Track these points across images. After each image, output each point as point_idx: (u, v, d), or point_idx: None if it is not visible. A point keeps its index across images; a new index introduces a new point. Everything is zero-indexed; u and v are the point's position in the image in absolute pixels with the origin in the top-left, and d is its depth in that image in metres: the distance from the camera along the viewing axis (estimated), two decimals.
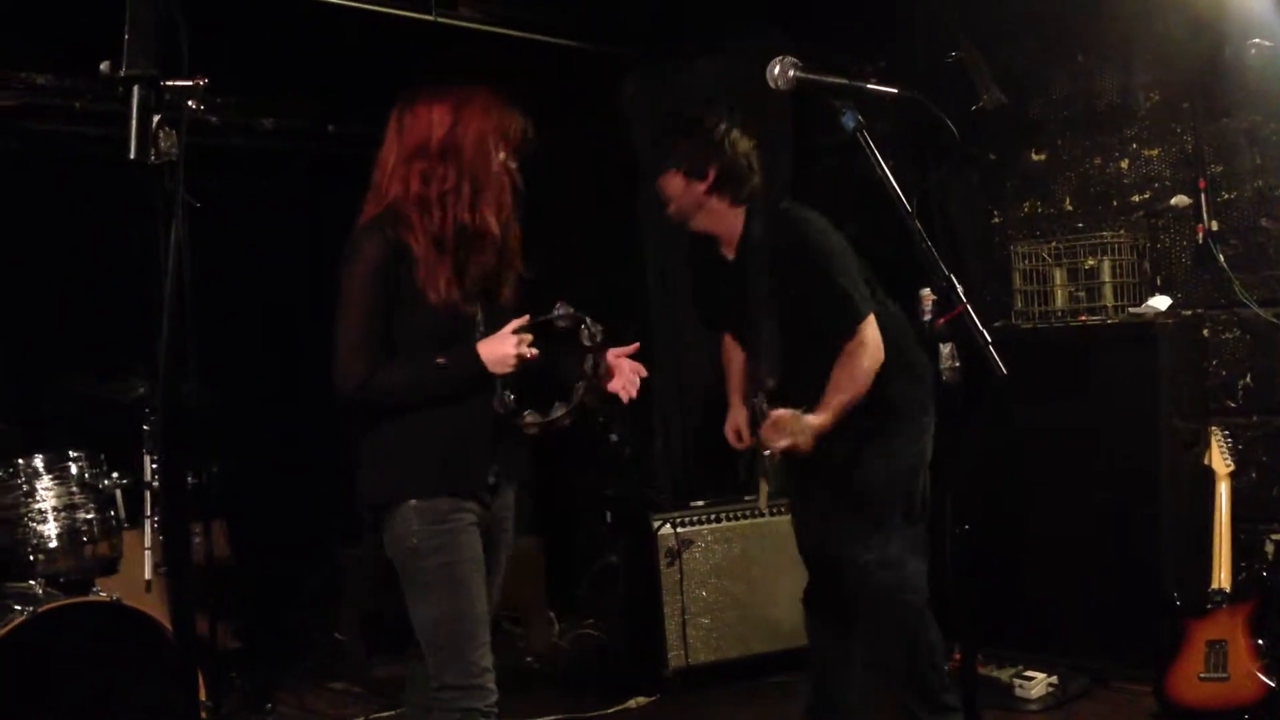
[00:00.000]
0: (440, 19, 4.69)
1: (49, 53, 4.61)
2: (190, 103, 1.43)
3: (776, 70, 2.37)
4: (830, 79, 2.34)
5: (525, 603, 5.24)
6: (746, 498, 4.76)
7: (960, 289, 2.27)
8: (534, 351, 2.63)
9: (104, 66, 1.44)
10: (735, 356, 3.60)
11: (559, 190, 5.68)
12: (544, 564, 5.37)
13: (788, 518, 4.56)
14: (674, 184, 3.29)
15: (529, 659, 5.09)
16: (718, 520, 4.63)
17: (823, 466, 3.29)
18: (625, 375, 2.85)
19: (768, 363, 3.22)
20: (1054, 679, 4.15)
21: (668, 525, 4.55)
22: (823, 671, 3.56)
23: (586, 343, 2.73)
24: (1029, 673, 4.16)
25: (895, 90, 2.41)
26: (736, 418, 3.51)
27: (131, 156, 1.42)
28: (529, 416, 2.72)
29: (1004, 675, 4.17)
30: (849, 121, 2.32)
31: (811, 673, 3.64)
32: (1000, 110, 4.64)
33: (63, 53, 4.60)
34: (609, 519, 5.61)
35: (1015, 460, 4.38)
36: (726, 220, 3.29)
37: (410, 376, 2.65)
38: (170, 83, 1.42)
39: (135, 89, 1.41)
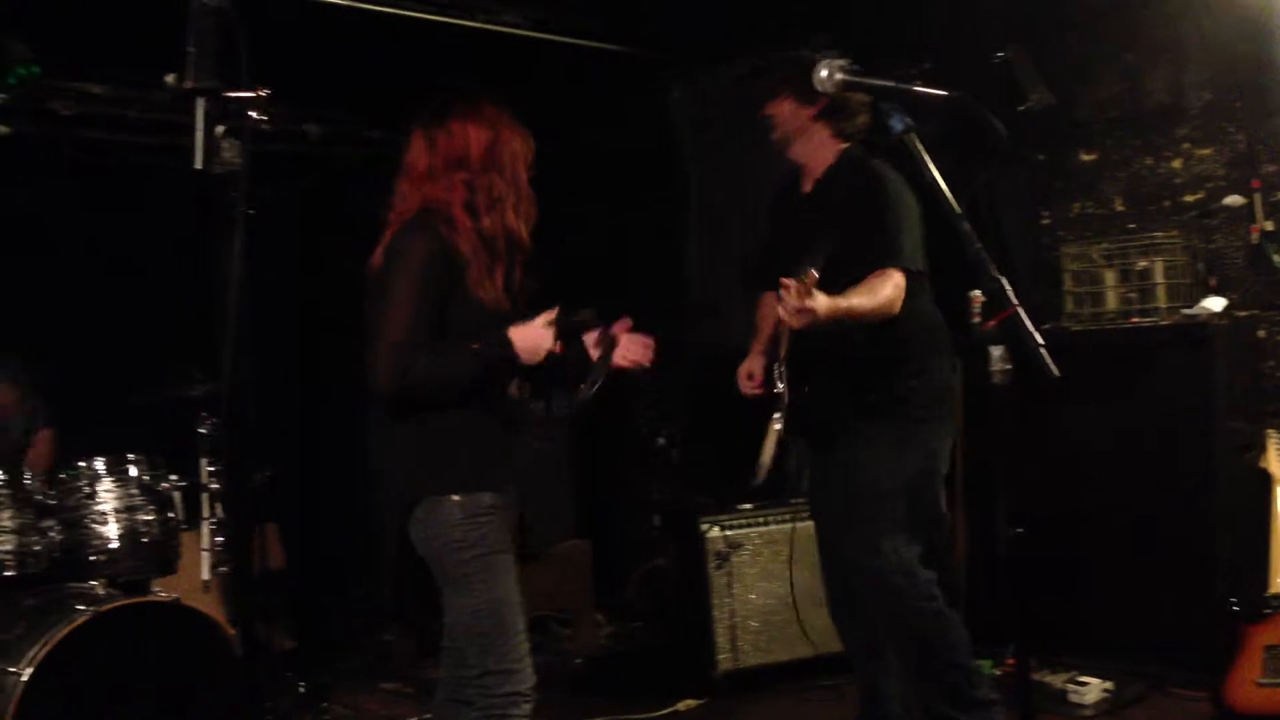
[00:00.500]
0: (484, 24, 4.73)
1: (102, 63, 4.70)
2: (252, 114, 1.46)
3: (824, 73, 2.38)
4: (878, 81, 2.35)
5: (573, 604, 5.27)
6: (793, 500, 4.75)
7: (1010, 291, 2.26)
8: (560, 346, 2.73)
9: (169, 79, 1.48)
10: (770, 315, 3.58)
11: (599, 193, 5.72)
12: (592, 566, 5.39)
13: None
14: (783, 107, 3.33)
15: (577, 660, 5.12)
16: (765, 524, 4.63)
17: (834, 467, 3.30)
18: (633, 345, 2.92)
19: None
20: (1109, 685, 4.11)
21: (716, 528, 4.56)
22: (863, 676, 3.55)
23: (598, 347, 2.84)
24: (1083, 678, 4.12)
25: (943, 92, 2.41)
26: (752, 363, 3.50)
27: (197, 167, 1.46)
28: (536, 406, 2.85)
29: (1058, 681, 4.14)
30: (897, 124, 2.33)
31: (857, 677, 3.62)
32: (1048, 110, 4.61)
33: (115, 63, 4.70)
34: (656, 522, 5.64)
35: (1068, 464, 4.34)
36: (822, 152, 3.32)
37: (444, 364, 2.70)
38: (232, 94, 1.45)
39: (200, 101, 1.45)
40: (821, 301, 2.96)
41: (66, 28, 4.31)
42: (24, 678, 3.24)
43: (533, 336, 2.72)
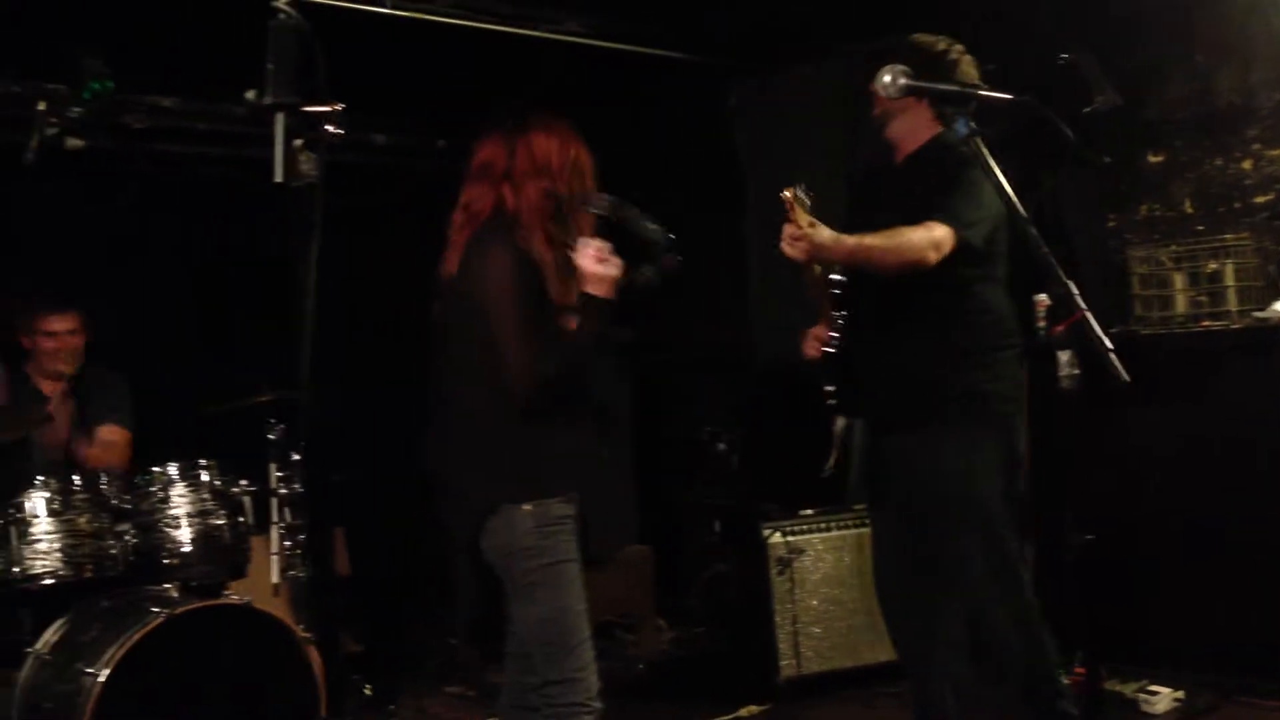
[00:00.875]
0: (547, 34, 4.77)
1: (173, 77, 4.80)
2: (328, 127, 1.50)
3: (887, 78, 2.38)
4: (942, 86, 2.34)
5: (636, 610, 5.29)
6: (856, 506, 4.74)
7: (1078, 295, 2.24)
8: (603, 245, 2.76)
9: (250, 95, 1.52)
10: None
11: (663, 199, 5.73)
12: (654, 572, 5.40)
13: None
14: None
15: (640, 665, 5.13)
16: (828, 529, 4.61)
17: (898, 462, 3.23)
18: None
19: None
20: (1180, 694, 4.05)
21: (778, 534, 4.55)
22: (916, 682, 3.51)
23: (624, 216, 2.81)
24: (1153, 687, 4.07)
25: (1010, 96, 2.39)
26: (820, 328, 3.45)
27: (277, 180, 1.50)
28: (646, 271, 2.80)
29: (1128, 690, 4.09)
30: (961, 128, 2.32)
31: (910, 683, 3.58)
32: (1115, 112, 4.55)
33: (186, 76, 4.80)
34: (717, 528, 5.64)
35: (1136, 469, 4.28)
36: (918, 132, 3.24)
37: (569, 351, 2.74)
38: (310, 108, 1.49)
39: (279, 116, 1.48)
40: (823, 233, 2.93)
41: (138, 43, 4.40)
42: (101, 678, 3.30)
43: (594, 275, 2.72)
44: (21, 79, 4.37)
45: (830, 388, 3.26)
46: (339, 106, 1.49)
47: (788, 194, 2.88)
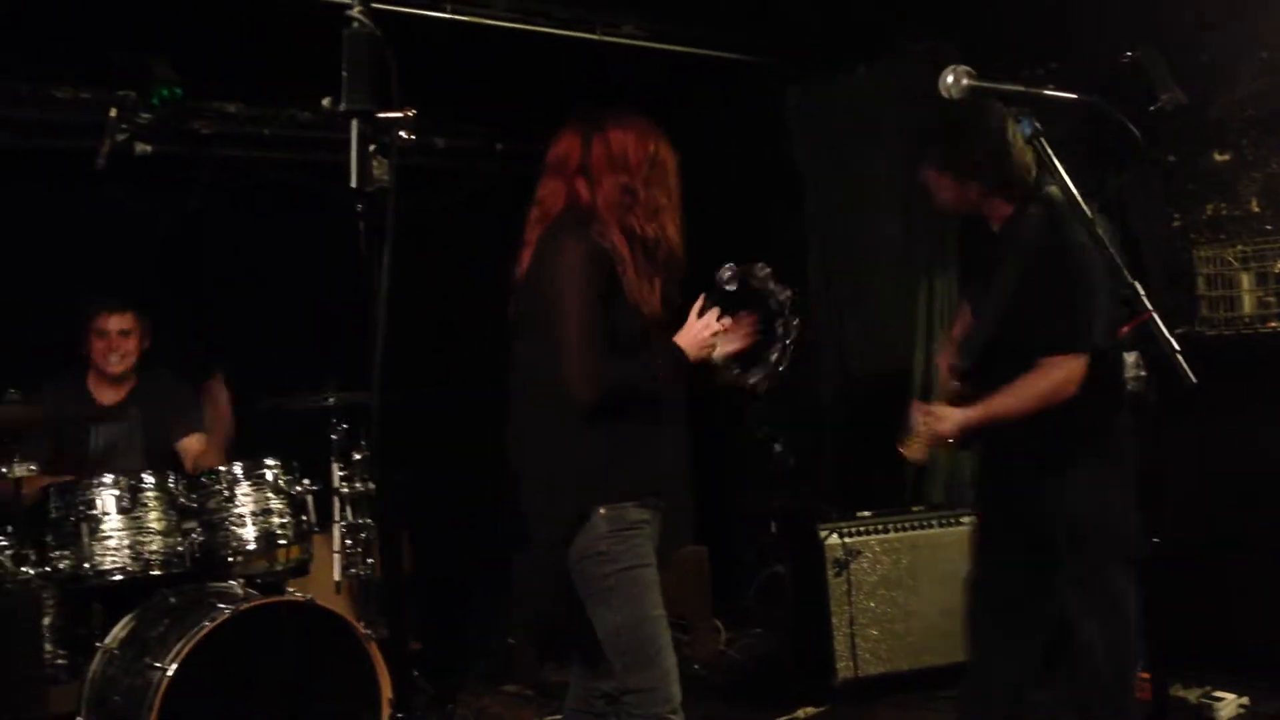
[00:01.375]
0: (604, 37, 4.79)
1: (238, 82, 4.88)
2: (401, 133, 1.53)
3: (950, 79, 2.35)
4: (1006, 86, 2.32)
5: (691, 611, 5.29)
6: (915, 508, 4.71)
7: (1145, 296, 2.21)
8: (725, 322, 2.77)
9: (325, 102, 1.55)
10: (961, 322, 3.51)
11: (722, 201, 5.73)
12: (709, 573, 5.40)
13: (957, 529, 4.54)
14: (944, 185, 3.17)
15: (695, 666, 5.13)
16: (885, 531, 4.59)
17: (1017, 498, 3.15)
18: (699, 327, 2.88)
19: (966, 352, 3.12)
20: (1245, 700, 3.99)
21: (835, 535, 4.53)
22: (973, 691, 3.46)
23: (759, 286, 2.85)
24: (1218, 693, 4.00)
25: (1074, 96, 2.37)
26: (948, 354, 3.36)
27: (353, 186, 1.53)
28: (754, 376, 2.86)
29: (1192, 696, 4.03)
30: (1025, 129, 2.29)
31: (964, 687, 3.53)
32: (1180, 110, 4.48)
33: (250, 82, 4.88)
34: (773, 529, 5.62)
35: (1202, 471, 4.22)
36: (997, 210, 3.16)
37: (636, 375, 2.73)
38: (383, 114, 1.52)
39: (354, 122, 1.51)
40: (956, 416, 2.97)
41: (205, 49, 4.48)
42: (169, 672, 3.37)
43: (693, 335, 2.77)
44: (93, 86, 4.46)
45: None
46: (411, 112, 1.51)
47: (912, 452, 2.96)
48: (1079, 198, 2.29)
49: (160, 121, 4.34)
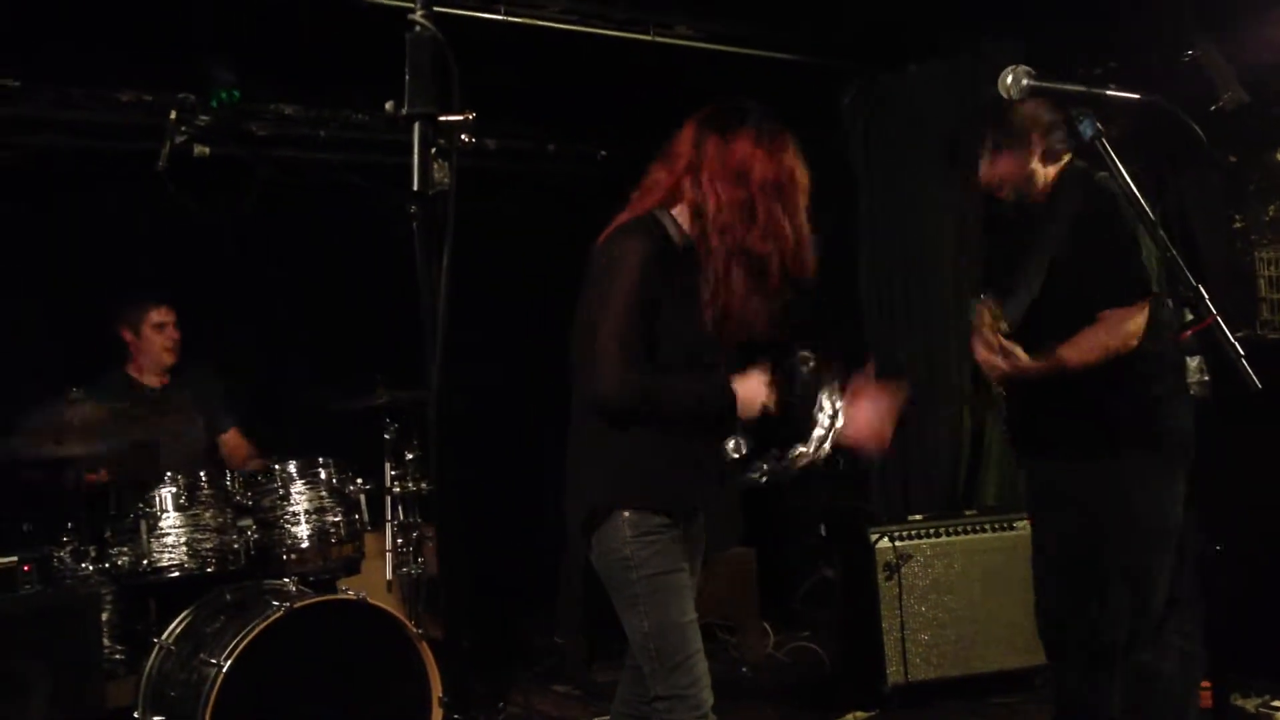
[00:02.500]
0: (657, 39, 4.78)
1: (294, 84, 4.93)
2: (463, 136, 1.54)
3: (1009, 79, 2.33)
4: (1067, 87, 2.28)
5: (739, 613, 5.27)
6: (967, 512, 4.67)
7: (1208, 298, 2.18)
8: (774, 407, 2.63)
9: (388, 106, 1.56)
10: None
11: None
12: (757, 574, 5.39)
13: (1010, 534, 4.49)
14: (1003, 166, 3.21)
15: (743, 669, 5.12)
16: (937, 535, 4.54)
17: (1073, 490, 3.13)
18: (868, 421, 2.77)
19: (1008, 311, 3.07)
20: None
21: (885, 539, 4.50)
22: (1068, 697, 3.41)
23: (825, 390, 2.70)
24: (1276, 702, 3.93)
25: (1137, 96, 2.33)
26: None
27: (415, 189, 1.54)
28: (759, 467, 2.70)
29: (1250, 705, 3.96)
30: (1087, 129, 2.26)
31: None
32: (1241, 109, 4.40)
33: (307, 84, 4.93)
34: (822, 531, 5.59)
35: (1264, 477, 4.13)
36: (1047, 179, 3.21)
37: (672, 396, 2.62)
38: (444, 118, 1.53)
39: (417, 125, 1.52)
40: (1019, 362, 2.91)
41: (259, 52, 4.54)
42: (224, 668, 3.41)
43: (753, 392, 2.63)
44: (153, 88, 4.53)
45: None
46: (471, 115, 1.52)
47: (985, 312, 2.85)
48: (1140, 199, 2.26)
49: (218, 123, 4.40)
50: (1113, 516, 3.08)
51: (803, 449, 2.68)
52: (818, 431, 2.68)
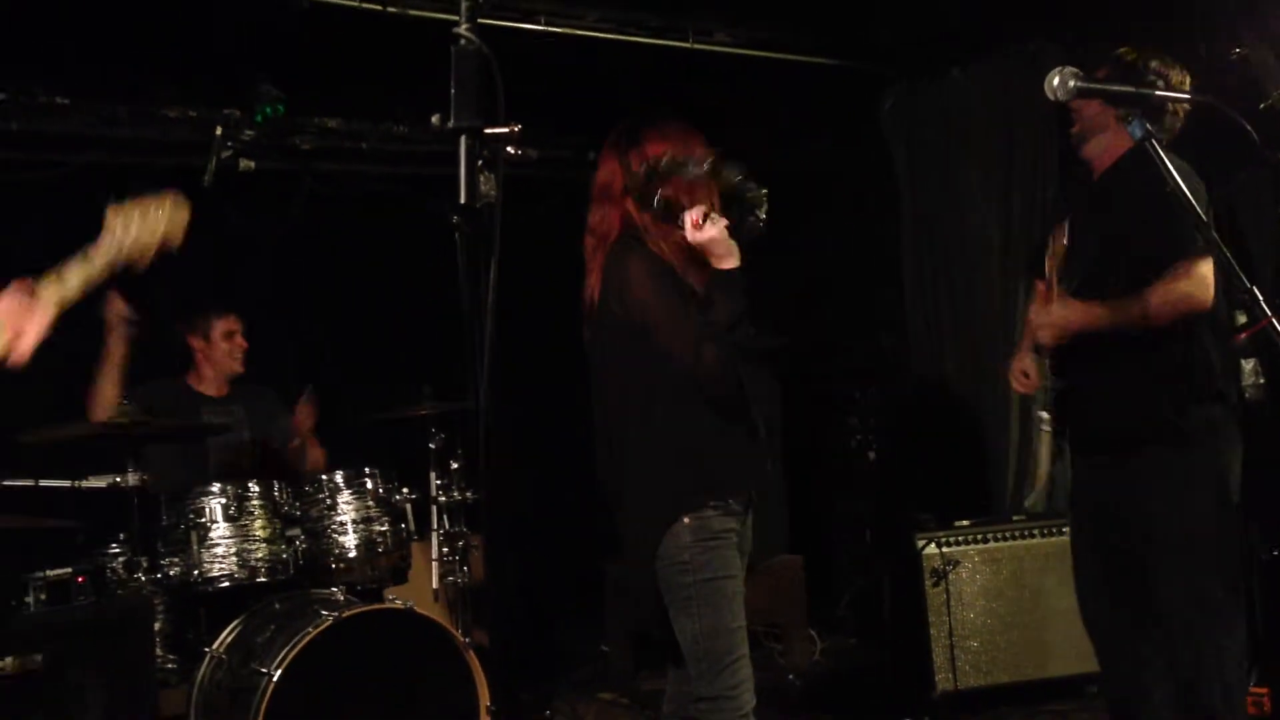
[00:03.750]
0: (697, 46, 4.79)
1: (337, 98, 4.98)
2: (509, 149, 1.55)
3: (1056, 81, 2.30)
4: (1116, 88, 2.27)
5: (786, 620, 5.25)
6: (1015, 518, 4.62)
7: (1263, 301, 2.14)
8: (718, 220, 2.71)
9: (435, 119, 1.58)
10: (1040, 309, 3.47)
11: (818, 206, 5.70)
12: (804, 581, 5.36)
13: (1059, 539, 4.43)
14: (1090, 105, 3.09)
15: (790, 676, 5.09)
16: (985, 541, 4.50)
17: (1120, 492, 3.09)
18: None
19: (1068, 277, 3.05)
20: None
21: (933, 545, 4.46)
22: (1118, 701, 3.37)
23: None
24: None
25: (1188, 96, 2.30)
26: (1023, 360, 3.30)
27: (462, 202, 1.55)
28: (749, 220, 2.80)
29: None
30: (1136, 130, 2.24)
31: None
32: None
33: (349, 98, 4.97)
34: (868, 538, 5.56)
35: None
36: (1114, 149, 3.11)
37: (716, 324, 2.71)
38: (490, 130, 1.54)
39: (463, 139, 1.53)
40: (1075, 310, 2.85)
41: (303, 67, 4.59)
42: (274, 677, 3.43)
43: (719, 253, 2.71)
44: (199, 104, 4.59)
45: (1043, 416, 3.15)
46: (517, 128, 1.53)
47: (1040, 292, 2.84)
48: (1193, 200, 2.23)
49: (263, 138, 4.45)
50: (1133, 513, 3.06)
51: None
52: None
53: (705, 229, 2.69)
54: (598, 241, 2.85)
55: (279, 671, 3.43)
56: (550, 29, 4.46)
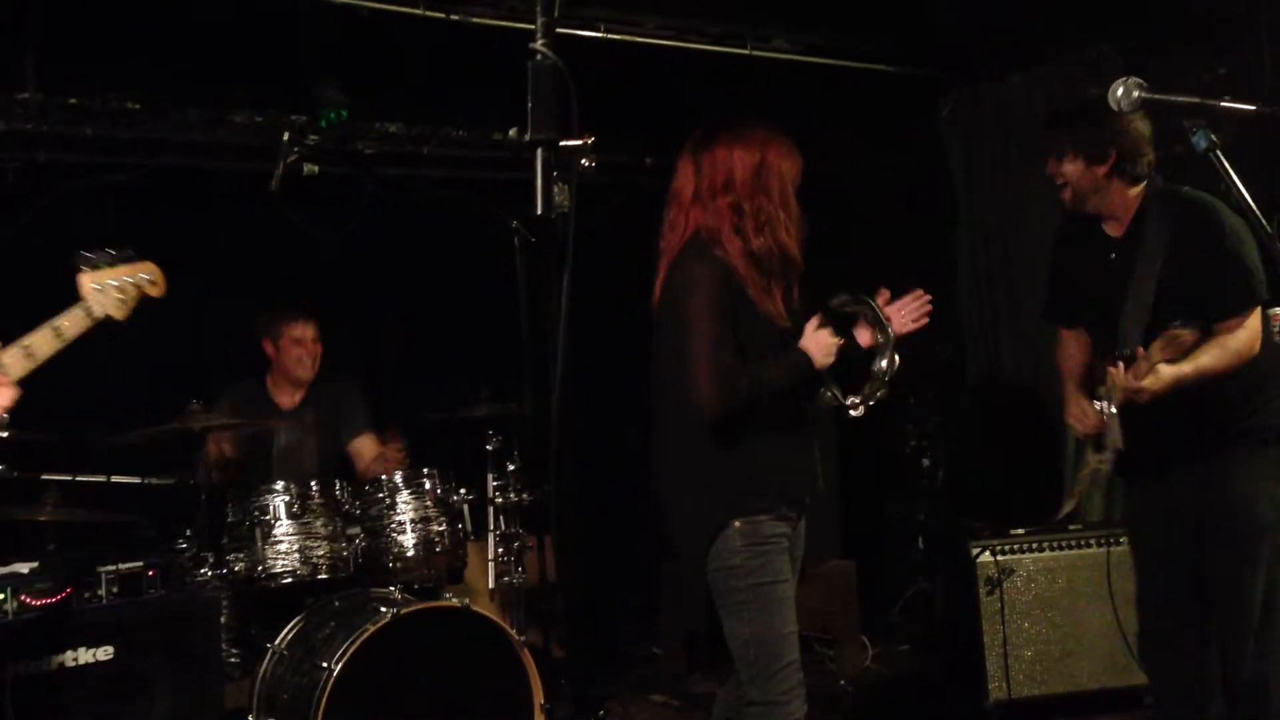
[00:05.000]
0: (755, 52, 4.80)
1: (398, 103, 5.05)
2: (584, 161, 1.58)
3: (1120, 92, 2.31)
4: (1180, 98, 2.26)
5: (838, 626, 5.25)
6: (1071, 527, 4.58)
7: None
8: (840, 339, 2.80)
9: (512, 132, 1.62)
10: (1073, 353, 3.46)
11: (875, 211, 5.70)
12: (856, 587, 5.35)
13: (1116, 549, 4.38)
14: (1072, 169, 3.18)
15: (841, 681, 5.09)
16: (1040, 549, 4.47)
17: (1190, 499, 3.10)
18: (905, 310, 3.02)
19: (1128, 330, 3.06)
20: None
21: (987, 553, 4.44)
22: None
23: (869, 316, 2.94)
24: None
25: (1254, 107, 2.29)
26: (1077, 403, 3.33)
27: (539, 213, 1.59)
28: (852, 400, 2.90)
29: None
30: (1200, 141, 2.23)
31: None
32: None
33: (409, 102, 5.04)
34: (921, 544, 5.54)
35: None
36: (1124, 199, 3.16)
37: (759, 378, 2.74)
38: (566, 143, 1.58)
39: (539, 151, 1.57)
40: (1163, 376, 2.89)
41: (364, 72, 4.66)
42: (335, 672, 3.50)
43: (820, 341, 2.78)
44: (267, 109, 4.68)
45: (1102, 456, 3.17)
46: (591, 139, 1.57)
47: (1140, 362, 2.90)
48: (1254, 208, 2.22)
49: (327, 142, 4.52)
50: (1214, 515, 3.07)
51: (878, 365, 2.90)
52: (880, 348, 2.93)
53: (831, 340, 2.79)
54: (667, 246, 2.89)
55: (339, 667, 3.50)
56: (610, 36, 4.50)
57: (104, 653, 3.22)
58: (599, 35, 4.43)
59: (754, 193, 2.80)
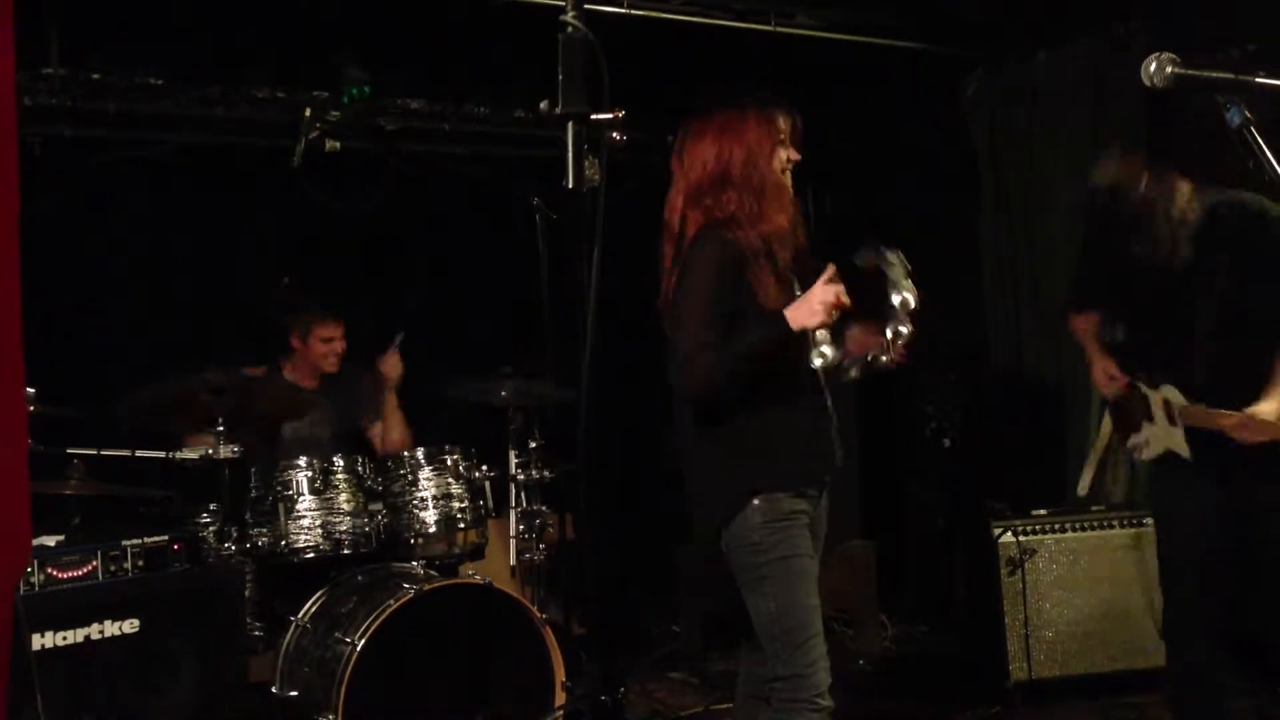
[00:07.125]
0: (779, 29, 4.77)
1: (420, 80, 5.04)
2: (614, 134, 1.58)
3: (1153, 68, 2.26)
4: (1215, 74, 2.22)
5: (857, 606, 5.25)
6: (1094, 508, 4.57)
7: None
8: (847, 301, 2.70)
9: (543, 105, 1.61)
10: (1092, 329, 3.47)
11: (898, 191, 5.65)
12: (875, 567, 5.35)
13: (1139, 530, 4.37)
14: (1134, 164, 3.20)
15: (860, 661, 5.09)
16: (1062, 530, 4.46)
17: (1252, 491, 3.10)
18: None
19: (1198, 348, 3.08)
20: None
21: (1009, 533, 4.43)
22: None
23: (893, 276, 2.75)
24: None
25: None
26: (1104, 363, 3.37)
27: (569, 186, 1.58)
28: (847, 363, 2.82)
29: None
30: (1234, 118, 2.19)
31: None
32: None
33: (431, 79, 5.03)
34: (941, 524, 5.53)
35: None
36: (1179, 199, 3.15)
37: (734, 353, 2.71)
38: (596, 116, 1.56)
39: (570, 125, 1.56)
40: (1268, 412, 2.90)
41: (386, 49, 4.65)
42: (358, 647, 3.53)
43: (806, 303, 2.70)
44: (289, 85, 4.68)
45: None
46: (621, 113, 1.56)
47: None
48: None
49: (349, 119, 4.52)
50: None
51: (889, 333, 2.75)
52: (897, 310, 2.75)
53: (826, 288, 2.69)
54: (680, 228, 2.90)
55: (362, 641, 3.53)
56: (634, 11, 4.47)
57: (130, 625, 3.24)
58: (622, 11, 4.40)
59: (721, 188, 2.81)
